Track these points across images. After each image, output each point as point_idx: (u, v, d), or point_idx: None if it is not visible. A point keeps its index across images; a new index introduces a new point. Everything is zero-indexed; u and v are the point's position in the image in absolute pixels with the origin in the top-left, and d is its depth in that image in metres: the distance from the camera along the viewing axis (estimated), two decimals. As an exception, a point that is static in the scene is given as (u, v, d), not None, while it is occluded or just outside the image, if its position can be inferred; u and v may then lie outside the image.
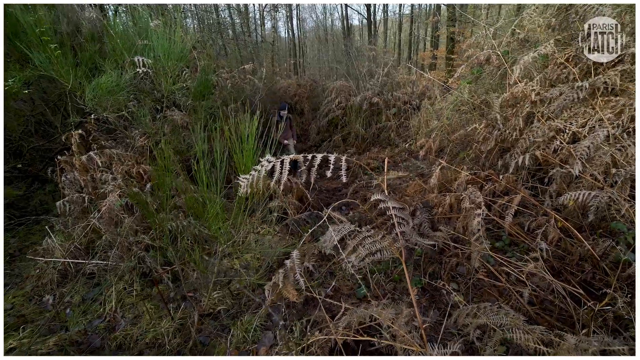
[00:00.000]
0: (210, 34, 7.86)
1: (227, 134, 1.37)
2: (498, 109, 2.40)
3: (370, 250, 0.90)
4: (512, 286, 1.72)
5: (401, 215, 0.85)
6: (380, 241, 0.90)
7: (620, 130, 2.02)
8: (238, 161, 1.44)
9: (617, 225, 1.74)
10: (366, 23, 16.03)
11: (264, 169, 0.95)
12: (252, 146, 1.40)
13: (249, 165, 1.40)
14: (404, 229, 0.85)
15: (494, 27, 3.09)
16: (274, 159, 0.98)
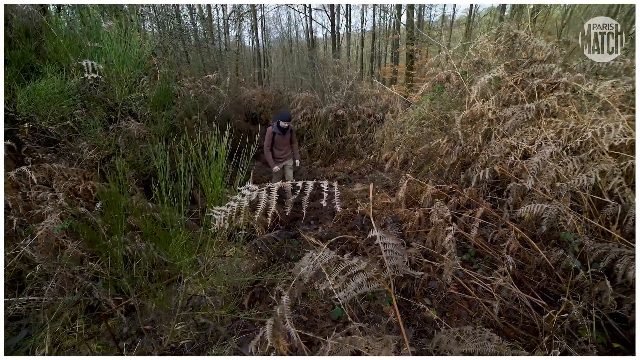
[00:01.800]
0: (171, 40, 7.47)
1: (193, 155, 1.25)
2: (459, 125, 2.54)
3: (358, 284, 0.85)
4: (480, 298, 1.79)
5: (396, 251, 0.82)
6: (366, 271, 0.86)
7: (561, 148, 2.24)
8: (205, 183, 1.32)
9: (565, 235, 1.90)
10: (330, 37, 16.48)
11: (245, 200, 0.87)
12: (221, 167, 1.30)
13: (218, 188, 1.29)
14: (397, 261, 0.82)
15: (452, 49, 3.32)
16: (256, 188, 0.89)
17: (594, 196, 2.11)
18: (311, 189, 0.89)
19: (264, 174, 5.46)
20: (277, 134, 3.76)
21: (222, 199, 1.28)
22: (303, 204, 0.90)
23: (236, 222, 2.02)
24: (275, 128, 3.74)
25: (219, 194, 1.27)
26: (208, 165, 1.29)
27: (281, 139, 3.81)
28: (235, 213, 0.86)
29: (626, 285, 1.58)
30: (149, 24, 9.14)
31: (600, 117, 2.27)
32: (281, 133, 3.75)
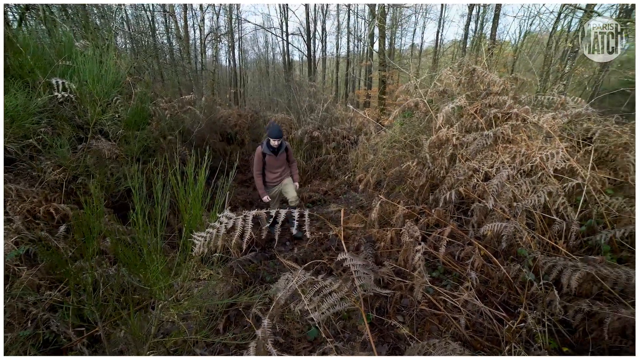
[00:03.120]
0: (146, 58, 7.40)
1: (172, 180, 1.27)
2: (427, 149, 2.74)
3: (331, 304, 0.90)
4: (449, 313, 1.89)
5: (364, 271, 0.89)
6: (339, 292, 0.92)
7: (516, 171, 2.48)
8: (184, 207, 1.33)
9: (521, 251, 2.08)
10: (306, 60, 17.10)
11: (223, 227, 0.90)
12: (200, 191, 1.32)
13: (196, 211, 1.31)
14: (365, 281, 0.89)
15: (420, 78, 3.61)
16: (233, 216, 0.94)
17: (545, 214, 2.33)
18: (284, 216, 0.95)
19: (238, 194, 5.40)
20: (268, 155, 3.21)
21: (200, 222, 1.29)
22: (275, 231, 0.96)
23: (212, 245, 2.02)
24: (265, 148, 3.19)
25: (197, 217, 1.29)
26: (186, 188, 1.31)
27: (273, 160, 3.26)
28: (213, 239, 0.89)
29: (570, 294, 1.75)
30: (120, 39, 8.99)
31: (545, 144, 2.57)
32: (272, 153, 3.19)
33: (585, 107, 2.79)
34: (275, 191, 3.52)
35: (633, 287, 1.57)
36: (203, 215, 1.46)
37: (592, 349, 1.63)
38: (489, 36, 12.47)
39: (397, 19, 13.55)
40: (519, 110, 2.74)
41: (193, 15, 16.06)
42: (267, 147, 3.22)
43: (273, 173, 3.39)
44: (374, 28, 9.43)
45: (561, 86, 8.38)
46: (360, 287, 0.87)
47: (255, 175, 3.33)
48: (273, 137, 3.13)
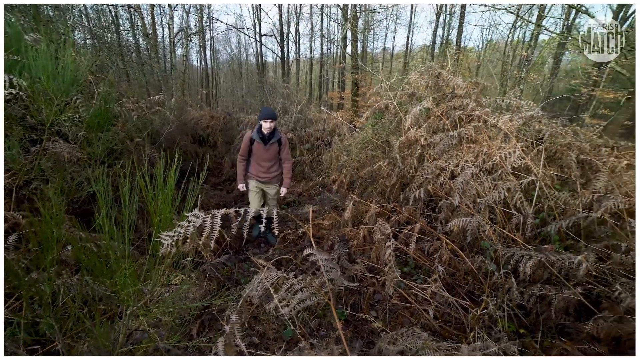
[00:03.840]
0: (109, 56, 6.99)
1: (140, 183, 1.23)
2: (397, 149, 2.85)
3: (300, 299, 0.92)
4: (420, 305, 1.98)
5: (330, 265, 0.92)
6: (309, 287, 0.94)
7: (479, 169, 2.65)
8: (153, 211, 1.29)
9: (484, 244, 2.23)
10: (280, 61, 17.04)
11: (191, 225, 0.90)
12: (170, 194, 1.29)
13: (166, 215, 1.27)
14: (332, 275, 0.92)
15: (390, 81, 3.74)
16: (202, 215, 0.93)
17: (505, 209, 2.51)
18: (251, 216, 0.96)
19: (211, 197, 5.27)
20: (257, 142, 2.75)
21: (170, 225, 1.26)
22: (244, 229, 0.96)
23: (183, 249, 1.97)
24: (255, 132, 2.74)
25: (167, 220, 1.25)
26: (155, 191, 1.27)
27: (262, 150, 2.77)
28: (181, 239, 0.88)
29: (525, 280, 1.90)
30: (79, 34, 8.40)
31: (504, 144, 2.77)
32: (261, 141, 2.73)
33: (537, 111, 3.05)
34: (255, 187, 3.04)
35: (575, 270, 1.74)
36: (173, 218, 1.42)
37: (542, 328, 1.78)
38: (455, 42, 13.16)
39: (368, 23, 13.91)
40: (480, 112, 2.93)
41: (161, 13, 15.46)
42: (257, 133, 2.75)
43: (259, 166, 2.89)
44: (346, 31, 9.62)
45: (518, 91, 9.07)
46: (328, 281, 0.90)
47: (238, 158, 2.94)
48: (264, 117, 2.63)
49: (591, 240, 2.25)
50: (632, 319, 1.52)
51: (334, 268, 0.93)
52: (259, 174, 2.94)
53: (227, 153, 6.88)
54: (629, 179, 2.44)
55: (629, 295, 1.56)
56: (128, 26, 11.24)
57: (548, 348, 1.69)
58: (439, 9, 13.67)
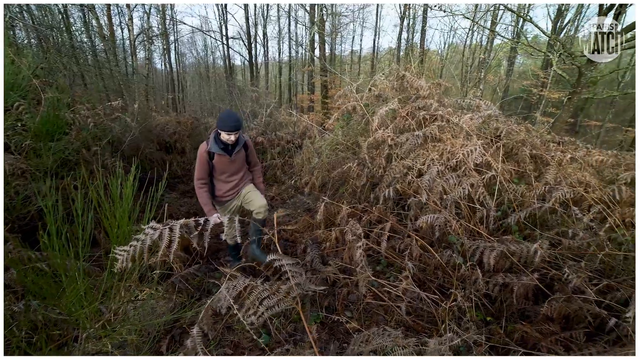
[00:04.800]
0: (60, 58, 6.46)
1: (93, 195, 1.14)
2: (366, 150, 2.91)
3: (268, 306, 0.90)
4: (393, 302, 2.02)
5: (295, 270, 0.91)
6: (277, 293, 0.93)
7: (444, 167, 2.77)
8: (110, 226, 1.20)
9: (451, 238, 2.32)
10: (248, 64, 16.80)
11: (148, 238, 0.84)
12: (127, 206, 1.21)
13: (124, 228, 1.19)
14: (299, 280, 0.91)
15: (357, 83, 3.82)
16: (160, 226, 0.88)
17: (469, 204, 2.64)
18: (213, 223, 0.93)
19: (181, 205, 5.05)
20: (218, 155, 2.26)
21: (130, 238, 1.18)
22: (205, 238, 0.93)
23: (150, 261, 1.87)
24: (213, 145, 2.24)
25: (125, 234, 1.18)
26: (112, 204, 1.19)
27: (226, 163, 2.32)
28: (138, 253, 0.83)
29: (490, 271, 2.01)
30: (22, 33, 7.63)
31: (466, 142, 2.92)
32: (224, 153, 2.26)
33: (494, 110, 3.25)
34: (232, 206, 2.53)
35: (532, 257, 1.87)
36: (133, 230, 1.34)
37: (506, 314, 1.89)
38: (419, 45, 13.74)
39: (336, 26, 14.14)
40: (443, 112, 3.07)
41: (119, 13, 14.64)
42: (215, 144, 2.24)
43: (227, 182, 2.40)
44: (314, 34, 9.70)
45: (478, 91, 9.67)
46: (296, 286, 0.89)
47: (196, 186, 2.34)
48: (227, 129, 2.15)
49: (545, 229, 2.43)
50: (578, 298, 1.66)
51: (300, 273, 0.92)
52: (229, 192, 2.44)
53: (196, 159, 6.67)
54: (572, 171, 2.66)
55: (575, 277, 1.70)
56: (81, 26, 10.46)
57: (511, 332, 1.80)
58: (403, 13, 14.21)
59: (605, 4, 3.84)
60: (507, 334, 1.79)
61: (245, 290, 1.04)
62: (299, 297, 0.93)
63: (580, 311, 1.61)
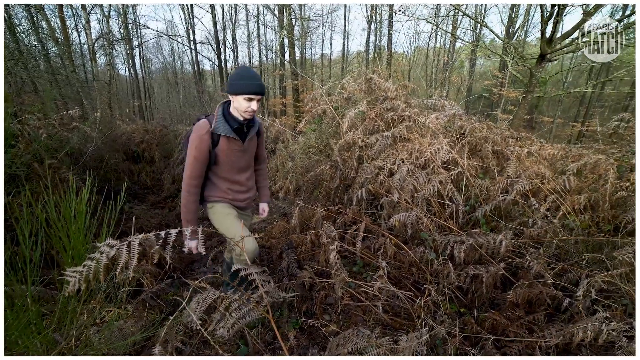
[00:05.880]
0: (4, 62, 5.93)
1: (40, 215, 1.05)
2: (337, 152, 2.94)
3: (237, 317, 0.88)
4: (371, 302, 2.05)
5: (263, 278, 0.89)
6: (247, 303, 0.91)
7: (413, 166, 2.86)
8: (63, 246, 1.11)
9: (423, 235, 2.40)
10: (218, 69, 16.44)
11: (104, 257, 0.79)
12: (82, 225, 1.13)
13: (79, 248, 1.11)
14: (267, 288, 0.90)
15: (326, 87, 3.85)
16: (116, 243, 0.82)
17: (439, 200, 2.74)
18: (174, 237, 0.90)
19: (152, 217, 4.82)
20: (226, 139, 1.58)
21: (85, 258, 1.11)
22: (166, 252, 0.89)
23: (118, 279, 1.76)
24: (221, 123, 1.55)
25: (81, 253, 1.10)
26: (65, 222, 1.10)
27: (237, 153, 1.65)
28: (93, 273, 0.77)
29: (461, 264, 2.10)
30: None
31: (433, 140, 3.03)
32: (237, 136, 1.60)
33: (457, 109, 3.41)
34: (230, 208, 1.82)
35: (498, 248, 1.98)
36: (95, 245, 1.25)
37: (477, 304, 1.98)
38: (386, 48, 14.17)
39: (305, 30, 14.24)
40: (410, 112, 3.18)
41: (74, 15, 13.75)
42: (224, 122, 1.55)
43: (233, 182, 1.74)
44: (283, 38, 9.70)
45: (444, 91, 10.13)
46: (265, 293, 0.88)
47: (184, 189, 1.60)
48: (250, 89, 1.46)
49: (509, 220, 2.58)
50: (538, 282, 1.78)
51: (268, 281, 0.91)
52: (237, 196, 1.79)
53: (167, 168, 6.41)
54: (530, 165, 2.85)
55: (535, 263, 1.82)
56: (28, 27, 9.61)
57: (483, 321, 1.88)
58: (370, 17, 14.59)
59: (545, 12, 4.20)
60: (479, 323, 1.87)
61: (215, 302, 1.01)
62: (269, 305, 0.91)
63: (541, 295, 1.72)
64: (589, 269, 1.80)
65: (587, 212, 2.41)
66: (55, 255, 2.49)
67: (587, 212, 2.41)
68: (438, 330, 1.36)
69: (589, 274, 1.70)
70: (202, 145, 1.53)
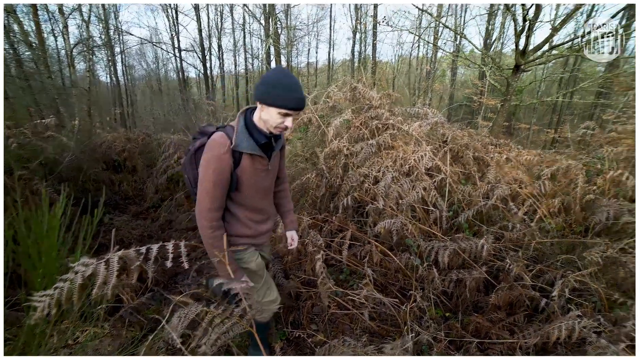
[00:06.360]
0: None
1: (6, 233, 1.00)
2: (323, 161, 2.96)
3: (221, 332, 0.86)
4: (358, 310, 2.05)
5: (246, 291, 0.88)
6: (230, 318, 0.89)
7: (398, 173, 2.92)
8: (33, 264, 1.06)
9: (408, 241, 2.43)
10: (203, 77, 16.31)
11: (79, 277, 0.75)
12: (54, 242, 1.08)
13: (52, 266, 1.06)
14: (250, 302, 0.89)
15: (312, 95, 3.89)
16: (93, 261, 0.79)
17: (423, 207, 2.79)
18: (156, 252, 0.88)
19: (133, 228, 4.66)
20: (250, 158, 1.28)
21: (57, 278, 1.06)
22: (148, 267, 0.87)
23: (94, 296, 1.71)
24: (243, 137, 1.25)
25: (53, 272, 1.05)
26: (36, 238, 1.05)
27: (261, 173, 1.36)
28: (65, 296, 0.74)
29: (445, 269, 2.14)
30: None
31: (417, 148, 3.10)
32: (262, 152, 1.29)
33: (439, 117, 3.51)
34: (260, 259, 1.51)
35: (480, 252, 2.03)
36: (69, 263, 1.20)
37: (461, 308, 2.02)
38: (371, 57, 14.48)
39: (291, 39, 14.39)
40: (394, 121, 3.24)
41: (51, 19, 13.31)
42: (248, 137, 1.26)
43: (255, 212, 1.44)
44: (269, 47, 9.76)
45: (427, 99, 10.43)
46: (249, 307, 0.87)
47: (206, 226, 1.26)
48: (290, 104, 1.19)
49: (490, 224, 2.65)
50: (518, 285, 1.83)
51: (249, 294, 0.90)
52: (259, 228, 1.47)
53: (149, 177, 6.25)
54: (508, 170, 2.96)
55: (515, 266, 1.88)
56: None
57: (467, 324, 1.92)
58: (355, 27, 14.92)
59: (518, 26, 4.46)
60: (463, 327, 1.90)
61: (198, 317, 0.99)
62: (253, 319, 0.90)
63: (520, 296, 1.78)
64: (563, 270, 1.88)
65: (561, 215, 2.52)
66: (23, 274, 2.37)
67: (561, 215, 2.52)
68: (422, 336, 1.38)
69: (563, 275, 1.77)
70: (223, 166, 1.21)
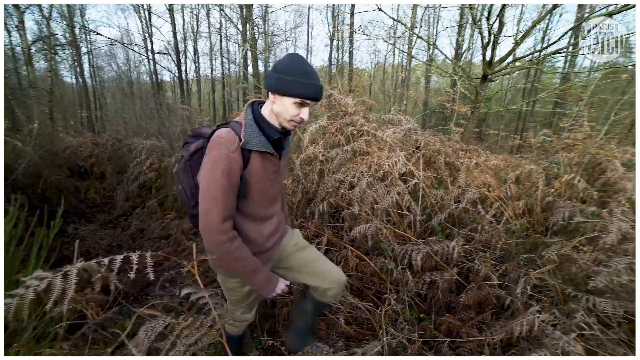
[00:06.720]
0: None
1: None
2: (299, 167, 2.97)
3: (188, 344, 0.84)
4: (334, 315, 2.05)
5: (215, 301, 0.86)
6: (199, 329, 0.87)
7: (373, 178, 2.98)
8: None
9: (383, 245, 2.48)
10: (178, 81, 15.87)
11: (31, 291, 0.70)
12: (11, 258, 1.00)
13: None
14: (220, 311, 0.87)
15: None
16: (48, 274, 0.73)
17: (398, 211, 2.86)
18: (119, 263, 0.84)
19: (101, 238, 4.41)
20: (260, 156, 1.09)
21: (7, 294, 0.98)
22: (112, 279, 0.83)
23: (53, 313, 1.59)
24: (253, 134, 1.06)
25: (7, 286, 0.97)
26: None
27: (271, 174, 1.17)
28: (12, 314, 0.69)
29: (419, 271, 2.20)
30: None
31: (391, 154, 3.19)
32: (273, 151, 1.12)
33: (413, 123, 3.63)
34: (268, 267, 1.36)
35: (451, 254, 2.11)
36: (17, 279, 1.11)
37: (434, 309, 2.08)
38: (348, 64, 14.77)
39: (268, 44, 14.38)
40: (369, 127, 3.32)
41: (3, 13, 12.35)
42: (258, 131, 1.09)
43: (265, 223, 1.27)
44: (246, 52, 9.70)
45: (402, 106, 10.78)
46: (219, 317, 0.85)
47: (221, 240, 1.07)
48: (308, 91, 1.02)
49: (461, 226, 2.76)
50: (486, 284, 1.92)
51: (219, 303, 0.88)
52: (267, 244, 1.28)
53: (120, 184, 5.95)
54: (477, 174, 3.11)
55: (483, 266, 1.97)
56: None
57: (439, 325, 1.98)
58: (332, 34, 15.18)
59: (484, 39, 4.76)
60: (436, 327, 1.96)
61: (166, 330, 0.95)
62: (223, 328, 0.88)
63: (488, 295, 1.86)
64: (525, 268, 1.99)
65: (525, 216, 2.68)
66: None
67: (525, 216, 2.68)
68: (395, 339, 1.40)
69: (525, 273, 1.87)
70: (233, 167, 1.02)
